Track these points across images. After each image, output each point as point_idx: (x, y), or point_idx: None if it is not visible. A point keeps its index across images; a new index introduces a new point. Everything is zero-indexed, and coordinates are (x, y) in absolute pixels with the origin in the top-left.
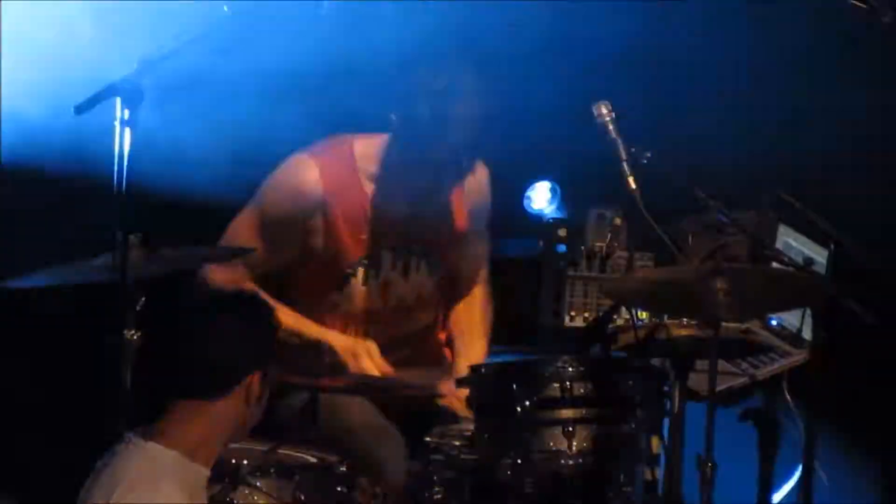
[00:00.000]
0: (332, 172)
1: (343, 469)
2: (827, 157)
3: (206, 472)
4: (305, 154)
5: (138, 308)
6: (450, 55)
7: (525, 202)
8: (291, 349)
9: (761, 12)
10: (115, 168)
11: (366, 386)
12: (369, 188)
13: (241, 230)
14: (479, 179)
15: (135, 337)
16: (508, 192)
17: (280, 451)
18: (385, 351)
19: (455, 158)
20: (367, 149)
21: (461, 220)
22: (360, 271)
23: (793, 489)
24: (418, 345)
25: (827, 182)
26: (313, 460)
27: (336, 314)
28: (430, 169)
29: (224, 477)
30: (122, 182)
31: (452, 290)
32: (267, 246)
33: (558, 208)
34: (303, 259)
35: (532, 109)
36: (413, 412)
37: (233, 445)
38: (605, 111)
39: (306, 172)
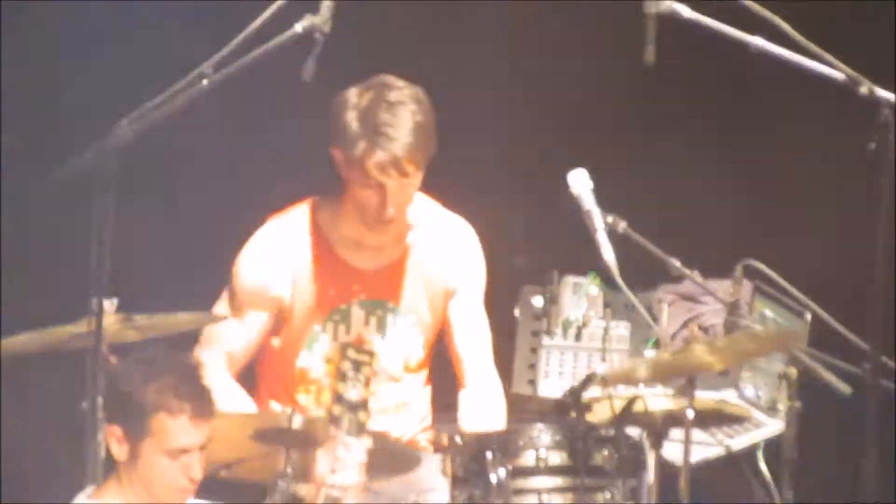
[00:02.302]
0: (296, 238)
1: None
2: (801, 225)
3: None
4: (267, 225)
5: None
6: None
7: None
8: None
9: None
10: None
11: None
12: (334, 246)
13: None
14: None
15: None
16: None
17: None
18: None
19: None
20: (326, 210)
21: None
22: (330, 327)
23: None
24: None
25: (802, 250)
26: None
27: (308, 382)
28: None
29: None
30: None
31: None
32: (245, 329)
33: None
34: (274, 327)
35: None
36: None
37: None
38: (580, 180)
39: (270, 242)
